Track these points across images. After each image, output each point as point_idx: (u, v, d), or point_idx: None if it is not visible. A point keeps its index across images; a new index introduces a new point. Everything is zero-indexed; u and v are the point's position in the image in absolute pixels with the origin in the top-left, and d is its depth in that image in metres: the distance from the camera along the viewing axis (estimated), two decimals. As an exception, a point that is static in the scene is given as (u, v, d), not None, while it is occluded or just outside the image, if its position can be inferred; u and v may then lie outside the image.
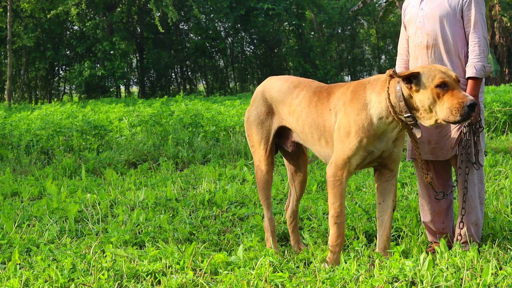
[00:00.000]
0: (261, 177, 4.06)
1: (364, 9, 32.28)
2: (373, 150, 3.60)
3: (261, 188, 4.10)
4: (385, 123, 3.55)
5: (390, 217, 3.76)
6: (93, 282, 3.43)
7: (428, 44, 3.90)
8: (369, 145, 3.58)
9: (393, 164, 3.70)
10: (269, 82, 4.13)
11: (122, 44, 27.85)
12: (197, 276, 3.51)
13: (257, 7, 29.78)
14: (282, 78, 4.10)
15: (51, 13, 26.72)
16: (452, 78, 3.43)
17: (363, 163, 3.66)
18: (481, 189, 3.94)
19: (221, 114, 11.39)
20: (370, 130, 3.56)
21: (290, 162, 4.22)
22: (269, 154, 4.05)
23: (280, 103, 3.95)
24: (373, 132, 3.57)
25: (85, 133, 9.50)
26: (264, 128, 4.03)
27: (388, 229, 3.76)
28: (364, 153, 3.60)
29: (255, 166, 4.10)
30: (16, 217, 5.13)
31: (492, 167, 6.80)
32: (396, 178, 3.77)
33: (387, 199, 3.76)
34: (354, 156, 3.60)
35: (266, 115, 4.03)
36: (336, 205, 3.67)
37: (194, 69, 35.37)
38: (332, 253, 3.68)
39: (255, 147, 4.08)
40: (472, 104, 3.34)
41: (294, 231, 4.25)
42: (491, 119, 10.15)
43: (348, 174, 3.66)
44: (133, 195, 5.85)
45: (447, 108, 3.37)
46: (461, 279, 3.23)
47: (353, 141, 3.58)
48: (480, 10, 3.82)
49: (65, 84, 33.95)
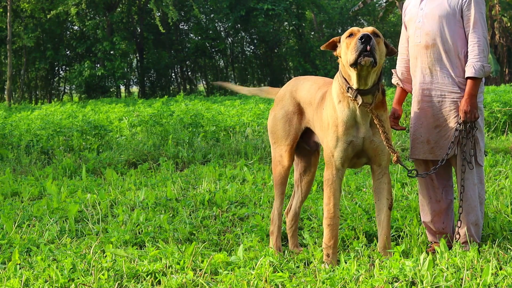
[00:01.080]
0: (282, 172, 4.06)
1: (364, 9, 32.27)
2: (352, 139, 3.62)
3: (279, 183, 4.10)
4: (345, 107, 3.60)
5: (386, 216, 3.73)
6: (93, 282, 3.43)
7: (427, 44, 3.90)
8: (344, 135, 3.61)
9: (379, 156, 3.67)
10: (297, 82, 4.15)
11: (122, 44, 27.84)
12: (197, 276, 3.51)
13: (257, 8, 29.77)
14: (311, 79, 4.14)
15: (51, 13, 26.71)
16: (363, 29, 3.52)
17: (348, 157, 3.65)
18: (481, 189, 3.94)
19: (221, 114, 11.39)
20: (338, 118, 3.62)
21: (302, 160, 4.21)
22: (293, 151, 4.07)
23: (308, 104, 3.97)
24: (341, 119, 3.62)
25: (85, 133, 9.50)
26: (292, 126, 4.04)
27: (385, 228, 3.74)
28: (344, 145, 3.62)
29: (275, 161, 4.10)
30: (16, 217, 5.13)
31: (492, 167, 6.79)
32: (388, 176, 3.74)
33: (381, 198, 3.74)
34: (336, 149, 3.64)
35: (293, 114, 4.04)
36: (329, 206, 3.69)
37: (194, 69, 35.37)
38: (326, 254, 3.68)
39: (278, 143, 4.07)
40: (363, 36, 3.40)
41: (293, 236, 4.24)
42: (491, 119, 10.15)
43: (337, 172, 3.67)
44: (133, 195, 5.85)
45: (349, 51, 3.48)
46: (461, 279, 3.23)
47: (330, 134, 3.66)
48: (480, 10, 3.82)
49: (65, 84, 33.95)
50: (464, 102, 3.77)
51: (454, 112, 3.85)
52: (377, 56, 3.44)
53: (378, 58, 3.45)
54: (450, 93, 3.86)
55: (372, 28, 3.57)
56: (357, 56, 3.42)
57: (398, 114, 4.13)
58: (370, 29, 3.55)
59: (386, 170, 3.73)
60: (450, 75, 3.86)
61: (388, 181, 3.74)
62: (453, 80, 3.85)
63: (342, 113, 3.62)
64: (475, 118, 3.78)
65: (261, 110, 11.72)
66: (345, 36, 3.58)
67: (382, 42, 3.57)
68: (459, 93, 3.84)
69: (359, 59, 3.42)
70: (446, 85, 3.87)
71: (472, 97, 3.76)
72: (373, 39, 3.44)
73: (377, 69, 3.55)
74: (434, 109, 3.91)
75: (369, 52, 3.41)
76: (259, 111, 11.41)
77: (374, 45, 3.43)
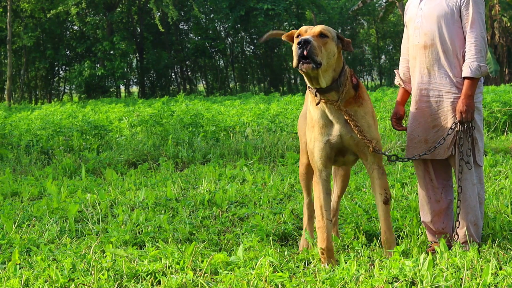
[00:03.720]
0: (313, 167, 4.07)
1: (364, 9, 32.31)
2: (328, 138, 3.63)
3: (306, 178, 4.16)
4: (316, 107, 3.62)
5: (382, 211, 3.72)
6: (93, 282, 3.43)
7: (426, 44, 3.90)
8: (320, 134, 3.64)
9: (363, 151, 3.65)
10: None
11: (122, 44, 27.86)
12: (197, 276, 3.51)
13: (257, 7, 29.79)
14: None
15: (51, 13, 26.72)
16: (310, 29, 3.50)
17: (328, 156, 3.66)
18: (481, 189, 3.94)
19: (221, 114, 11.39)
20: (313, 118, 3.66)
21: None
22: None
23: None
24: (315, 119, 3.65)
25: (85, 133, 9.50)
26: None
27: (384, 221, 3.73)
28: (321, 144, 3.64)
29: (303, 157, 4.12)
30: (16, 217, 5.13)
31: (492, 167, 6.79)
32: (379, 170, 3.71)
33: (375, 192, 3.74)
34: (315, 149, 3.67)
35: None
36: (316, 208, 3.73)
37: (194, 69, 35.40)
38: (321, 256, 3.68)
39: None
40: (300, 41, 3.37)
41: (333, 230, 4.25)
42: (491, 119, 10.14)
43: (320, 173, 3.69)
44: (133, 195, 5.85)
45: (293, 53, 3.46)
46: (461, 279, 3.23)
47: (309, 135, 3.72)
48: (478, 10, 3.81)
49: (65, 84, 33.99)
50: (461, 102, 3.77)
51: (451, 112, 3.85)
52: (318, 58, 3.39)
53: (321, 59, 3.40)
54: (448, 93, 3.86)
55: (320, 28, 3.51)
56: (296, 61, 3.41)
57: (401, 115, 4.13)
58: (318, 30, 3.49)
59: (375, 165, 3.71)
60: (448, 75, 3.86)
61: (379, 176, 3.71)
62: (451, 80, 3.85)
63: (315, 113, 3.66)
64: (472, 118, 3.78)
65: (261, 110, 11.72)
66: (295, 35, 3.58)
67: (330, 41, 3.50)
68: (457, 93, 3.84)
69: (299, 65, 3.41)
70: (444, 85, 3.87)
71: (469, 97, 3.76)
72: (312, 43, 3.37)
73: (327, 69, 3.50)
74: (431, 109, 3.91)
75: (307, 56, 3.37)
76: (259, 111, 11.41)
77: (312, 50, 3.36)
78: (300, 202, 5.29)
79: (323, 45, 3.45)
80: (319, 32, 3.49)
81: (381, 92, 16.93)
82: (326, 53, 3.46)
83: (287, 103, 13.98)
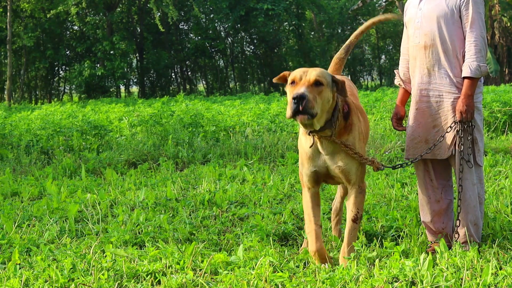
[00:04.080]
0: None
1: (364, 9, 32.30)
2: (315, 169, 3.69)
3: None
4: (307, 139, 3.65)
5: (349, 227, 3.71)
6: (93, 282, 3.43)
7: (426, 44, 3.90)
8: (308, 163, 3.70)
9: (347, 177, 3.68)
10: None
11: (122, 44, 27.85)
12: (197, 276, 3.51)
13: (257, 7, 29.78)
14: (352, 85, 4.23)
15: (51, 13, 26.72)
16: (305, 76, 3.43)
17: (316, 180, 3.74)
18: (481, 189, 3.94)
19: (221, 114, 11.39)
20: (302, 147, 3.72)
21: None
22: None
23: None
24: (303, 150, 3.71)
25: (85, 133, 9.50)
26: None
27: (346, 237, 3.71)
28: (309, 172, 3.72)
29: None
30: (16, 217, 5.13)
31: (492, 167, 6.79)
32: (357, 189, 3.71)
33: (348, 208, 3.75)
34: (304, 174, 3.75)
35: None
36: (305, 215, 3.81)
37: (194, 69, 35.39)
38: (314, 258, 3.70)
39: None
40: (296, 97, 3.32)
41: (335, 229, 4.34)
42: (491, 119, 10.14)
43: (308, 190, 3.77)
44: (133, 195, 5.85)
45: (288, 102, 3.44)
46: (461, 279, 3.23)
47: (300, 161, 3.80)
48: (478, 10, 3.81)
49: (65, 84, 33.98)
50: (461, 102, 3.77)
51: (452, 112, 3.85)
52: (313, 111, 3.35)
53: (315, 111, 3.37)
54: (448, 93, 3.86)
55: (315, 76, 3.43)
56: (291, 114, 3.36)
57: (401, 115, 4.13)
58: (313, 79, 3.42)
59: (356, 186, 3.72)
60: (448, 75, 3.86)
61: (356, 194, 3.71)
62: (451, 80, 3.85)
63: (305, 144, 3.69)
64: (471, 118, 3.78)
65: (261, 110, 11.72)
66: (289, 82, 3.51)
67: (326, 89, 3.45)
68: (457, 93, 3.84)
69: (294, 116, 3.37)
70: (444, 85, 3.87)
71: (468, 97, 3.76)
72: (307, 98, 3.32)
73: (322, 115, 3.47)
74: (432, 109, 3.91)
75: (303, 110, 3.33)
76: (259, 111, 11.41)
77: (307, 104, 3.32)
78: (300, 202, 5.29)
79: (318, 94, 3.41)
80: (314, 81, 3.42)
81: (381, 92, 16.93)
82: (321, 102, 3.42)
83: (287, 103, 13.96)
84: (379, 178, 6.28)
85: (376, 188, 5.84)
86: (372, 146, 8.32)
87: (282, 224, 4.57)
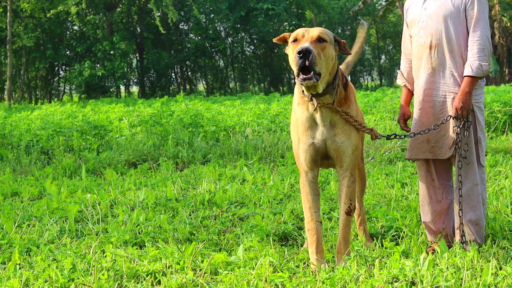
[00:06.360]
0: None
1: (364, 9, 32.28)
2: (312, 141, 3.58)
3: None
4: (304, 109, 3.56)
5: (343, 221, 3.64)
6: (93, 282, 3.43)
7: (432, 44, 3.89)
8: (304, 136, 3.59)
9: (341, 157, 3.59)
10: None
11: (122, 44, 27.87)
12: (197, 276, 3.51)
13: (257, 7, 29.79)
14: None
15: (51, 13, 26.73)
16: (307, 33, 3.41)
17: (313, 158, 3.61)
18: (483, 190, 3.93)
19: (221, 114, 11.39)
20: (298, 120, 3.60)
21: None
22: None
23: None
24: (300, 121, 3.59)
25: (85, 133, 9.50)
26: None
27: (341, 231, 3.65)
28: (304, 146, 3.59)
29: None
30: (16, 217, 5.13)
31: (492, 167, 6.79)
32: (349, 178, 3.64)
33: (340, 201, 3.67)
34: (299, 151, 3.63)
35: None
36: (305, 210, 3.70)
37: (194, 69, 35.41)
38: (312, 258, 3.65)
39: None
40: (301, 51, 3.27)
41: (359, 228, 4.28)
42: (491, 119, 10.14)
43: (306, 174, 3.66)
44: (133, 195, 5.85)
45: (292, 61, 3.38)
46: (461, 279, 3.23)
47: (293, 136, 3.68)
48: (483, 9, 3.81)
49: (65, 84, 33.99)
50: (457, 98, 3.76)
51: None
52: (317, 68, 3.31)
53: (320, 69, 3.33)
54: (451, 93, 3.85)
55: (317, 32, 3.40)
56: (297, 71, 3.32)
57: (408, 116, 4.12)
58: (316, 34, 3.38)
59: (348, 172, 3.63)
60: (453, 75, 3.85)
61: (348, 184, 3.63)
62: (455, 80, 3.85)
63: (301, 115, 3.59)
64: (467, 115, 3.78)
65: (261, 110, 11.72)
66: (291, 40, 3.46)
67: (329, 46, 3.41)
68: (460, 93, 3.84)
69: (300, 80, 3.32)
70: (448, 85, 3.87)
71: (466, 94, 3.75)
72: (313, 53, 3.27)
73: (325, 75, 3.43)
74: (435, 109, 3.91)
75: (308, 68, 3.28)
76: (259, 111, 11.41)
77: (313, 59, 3.27)
78: (300, 202, 5.29)
79: (321, 50, 3.36)
80: (317, 37, 3.39)
81: (381, 92, 16.94)
82: (325, 59, 3.37)
83: (287, 103, 13.98)
84: (379, 178, 6.29)
85: (376, 188, 5.83)
86: (372, 146, 8.32)
87: (282, 224, 4.57)
